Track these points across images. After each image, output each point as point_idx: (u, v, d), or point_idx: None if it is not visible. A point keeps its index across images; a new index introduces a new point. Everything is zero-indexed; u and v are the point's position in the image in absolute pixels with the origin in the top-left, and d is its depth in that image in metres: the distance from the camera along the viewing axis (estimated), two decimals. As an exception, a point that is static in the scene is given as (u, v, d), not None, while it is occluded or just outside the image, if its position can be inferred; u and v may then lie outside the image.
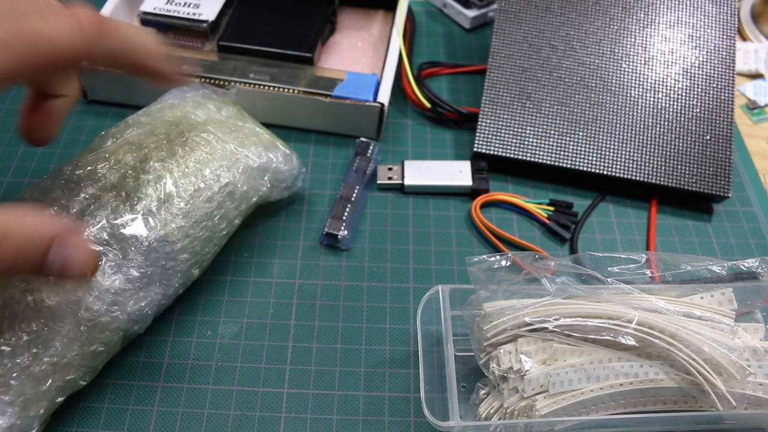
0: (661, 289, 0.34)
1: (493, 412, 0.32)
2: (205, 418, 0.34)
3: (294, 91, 0.45)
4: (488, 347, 0.33)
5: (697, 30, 0.48)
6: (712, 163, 0.44)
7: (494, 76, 0.47)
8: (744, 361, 0.30)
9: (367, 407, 0.35)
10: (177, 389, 0.36)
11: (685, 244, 0.43)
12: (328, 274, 0.41)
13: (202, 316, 0.38)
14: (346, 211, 0.42)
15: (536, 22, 0.48)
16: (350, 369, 0.37)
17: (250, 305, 0.39)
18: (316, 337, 0.38)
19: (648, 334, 0.30)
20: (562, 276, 0.33)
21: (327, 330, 0.38)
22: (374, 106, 0.45)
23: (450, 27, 0.57)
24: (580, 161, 0.44)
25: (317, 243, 0.42)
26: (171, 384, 0.36)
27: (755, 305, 0.34)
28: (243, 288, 0.40)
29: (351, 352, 0.37)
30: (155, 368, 0.36)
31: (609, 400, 0.31)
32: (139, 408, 0.35)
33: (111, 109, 0.49)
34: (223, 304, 0.39)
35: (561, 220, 0.43)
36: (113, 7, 0.50)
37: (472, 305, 0.33)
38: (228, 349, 0.37)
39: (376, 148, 0.46)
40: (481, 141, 0.45)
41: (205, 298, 0.39)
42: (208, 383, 0.36)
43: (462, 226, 0.44)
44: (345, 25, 0.53)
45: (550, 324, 0.31)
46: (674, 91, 0.46)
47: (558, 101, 0.46)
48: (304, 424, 0.35)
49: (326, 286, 0.40)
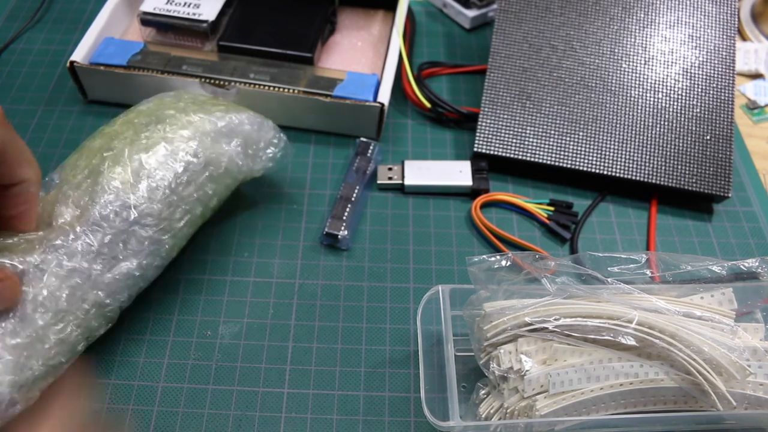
0: (661, 289, 0.34)
1: (493, 412, 0.32)
2: (205, 418, 0.34)
3: (294, 91, 0.45)
4: (488, 347, 0.33)
5: (697, 30, 0.48)
6: (712, 163, 0.44)
7: (494, 76, 0.47)
8: (744, 361, 0.30)
9: (367, 407, 0.35)
10: (177, 389, 0.36)
11: (685, 244, 0.43)
12: (328, 274, 0.41)
13: (202, 316, 0.38)
14: (346, 211, 0.42)
15: (536, 22, 0.48)
16: (350, 369, 0.37)
17: (250, 305, 0.39)
18: (316, 337, 0.38)
19: (648, 334, 0.30)
20: (562, 276, 0.33)
21: (327, 330, 0.38)
22: (374, 106, 0.45)
23: (450, 27, 0.57)
24: (580, 161, 0.44)
25: (317, 243, 0.42)
26: (171, 384, 0.36)
27: (755, 305, 0.34)
28: (243, 288, 0.40)
29: (351, 352, 0.37)
30: (155, 368, 0.36)
31: (609, 400, 0.31)
32: (139, 408, 0.35)
33: (111, 109, 0.49)
34: (223, 304, 0.39)
35: (561, 220, 0.43)
36: (113, 7, 0.50)
37: (472, 305, 0.33)
38: (228, 349, 0.37)
39: (376, 148, 0.46)
40: (481, 141, 0.45)
41: (205, 298, 0.39)
42: (208, 383, 0.36)
43: (462, 226, 0.44)
44: (345, 25, 0.53)
45: (550, 324, 0.31)
46: (674, 91, 0.46)
47: (558, 101, 0.46)
48: (304, 424, 0.35)
49: (326, 286, 0.40)
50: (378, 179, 0.45)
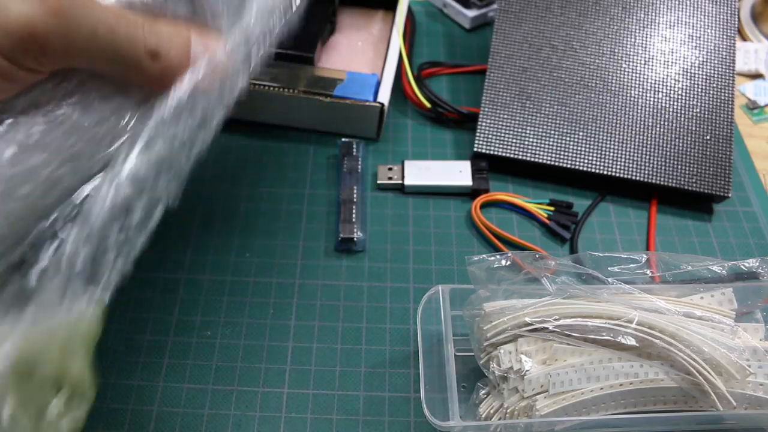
0: (662, 289, 0.34)
1: (493, 412, 0.32)
2: (205, 418, 0.34)
3: (294, 91, 0.45)
4: (488, 347, 0.33)
5: (697, 30, 0.48)
6: (712, 163, 0.44)
7: (494, 76, 0.47)
8: (744, 361, 0.30)
9: (367, 407, 0.35)
10: (177, 389, 0.36)
11: (685, 244, 0.43)
12: (328, 274, 0.41)
13: (202, 316, 0.38)
14: (354, 213, 0.42)
15: (536, 22, 0.48)
16: (350, 369, 0.37)
17: (250, 305, 0.39)
18: (316, 337, 0.38)
19: (648, 334, 0.30)
20: (562, 276, 0.33)
21: (327, 330, 0.38)
22: (374, 106, 0.45)
23: (450, 27, 0.57)
24: (580, 161, 0.44)
25: (317, 243, 0.42)
26: (171, 384, 0.36)
27: (755, 305, 0.34)
28: (243, 288, 0.40)
29: (351, 352, 0.37)
30: (155, 368, 0.36)
31: (609, 400, 0.31)
32: (139, 408, 0.35)
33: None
34: (223, 304, 0.39)
35: (561, 220, 0.43)
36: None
37: (472, 305, 0.33)
38: (228, 349, 0.37)
39: (361, 145, 0.46)
40: (481, 141, 0.45)
41: (205, 298, 0.39)
42: (208, 383, 0.36)
43: (462, 226, 0.44)
44: (345, 25, 0.53)
45: (550, 324, 0.31)
46: (674, 91, 0.46)
47: (558, 101, 0.46)
48: (304, 424, 0.35)
49: (326, 286, 0.40)
50: (378, 179, 0.45)
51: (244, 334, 0.38)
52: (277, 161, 0.46)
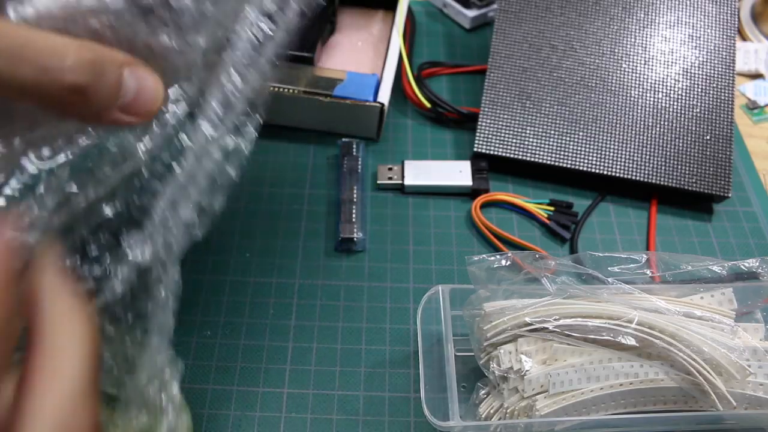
0: (661, 289, 0.34)
1: (493, 412, 0.32)
2: (206, 418, 0.34)
3: (294, 91, 0.45)
4: (488, 347, 0.33)
5: (697, 30, 0.48)
6: (712, 163, 0.44)
7: (494, 76, 0.47)
8: (744, 361, 0.30)
9: (367, 407, 0.35)
10: (177, 389, 0.35)
11: (685, 244, 0.43)
12: (328, 274, 0.41)
13: (202, 316, 0.38)
14: (354, 213, 0.42)
15: (536, 22, 0.48)
16: (350, 369, 0.37)
17: (250, 305, 0.39)
18: (316, 337, 0.38)
19: (648, 334, 0.30)
20: (562, 276, 0.33)
21: (327, 330, 0.38)
22: (374, 106, 0.45)
23: (450, 27, 0.57)
24: (580, 161, 0.44)
25: (317, 243, 0.42)
26: (171, 384, 0.36)
27: (755, 305, 0.34)
28: (243, 288, 0.40)
29: (351, 352, 0.37)
30: (155, 368, 0.36)
31: (609, 400, 0.31)
32: (139, 408, 0.35)
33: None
34: (223, 304, 0.39)
35: (561, 220, 0.43)
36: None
37: (472, 305, 0.33)
38: (228, 349, 0.37)
39: (361, 145, 0.46)
40: (481, 141, 0.45)
41: (205, 298, 0.39)
42: (208, 383, 0.36)
43: (462, 226, 0.44)
44: (345, 25, 0.53)
45: (550, 324, 0.31)
46: (674, 91, 0.46)
47: (558, 101, 0.46)
48: (304, 424, 0.35)
49: (326, 286, 0.40)
50: (378, 179, 0.45)
51: (244, 334, 0.38)
52: (277, 161, 0.46)
